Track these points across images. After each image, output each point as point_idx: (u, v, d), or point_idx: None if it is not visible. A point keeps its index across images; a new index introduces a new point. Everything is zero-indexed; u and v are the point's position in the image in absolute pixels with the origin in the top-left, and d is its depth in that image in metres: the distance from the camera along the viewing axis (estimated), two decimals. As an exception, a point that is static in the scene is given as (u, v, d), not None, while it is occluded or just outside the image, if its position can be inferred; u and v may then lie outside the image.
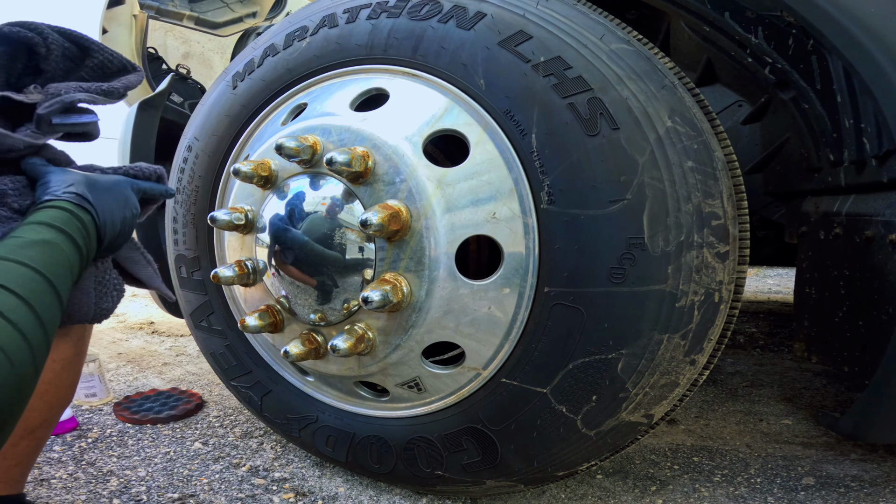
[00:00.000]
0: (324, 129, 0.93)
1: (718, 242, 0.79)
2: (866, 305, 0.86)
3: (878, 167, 0.83)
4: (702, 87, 1.23)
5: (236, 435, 1.36)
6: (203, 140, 1.14)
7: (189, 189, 1.16)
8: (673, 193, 0.77)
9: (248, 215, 1.01)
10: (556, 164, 0.79)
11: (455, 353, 1.34)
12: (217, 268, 1.05)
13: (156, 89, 1.53)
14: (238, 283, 1.03)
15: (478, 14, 0.86)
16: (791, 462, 1.21)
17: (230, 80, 1.11)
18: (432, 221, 0.84)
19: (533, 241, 0.81)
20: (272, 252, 0.97)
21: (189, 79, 2.58)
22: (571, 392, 0.82)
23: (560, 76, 0.80)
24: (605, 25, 0.85)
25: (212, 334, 1.20)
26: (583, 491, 1.09)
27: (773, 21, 0.88)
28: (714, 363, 0.88)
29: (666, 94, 0.81)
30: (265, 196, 0.99)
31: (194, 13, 2.47)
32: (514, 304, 0.84)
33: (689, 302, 0.78)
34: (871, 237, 0.85)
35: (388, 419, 1.01)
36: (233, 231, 1.03)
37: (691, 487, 1.10)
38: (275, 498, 1.07)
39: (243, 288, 1.07)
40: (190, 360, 2.05)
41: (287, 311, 1.00)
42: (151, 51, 2.57)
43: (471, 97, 0.86)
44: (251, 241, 1.02)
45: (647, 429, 0.89)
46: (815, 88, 0.90)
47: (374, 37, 0.94)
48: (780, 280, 3.96)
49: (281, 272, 0.97)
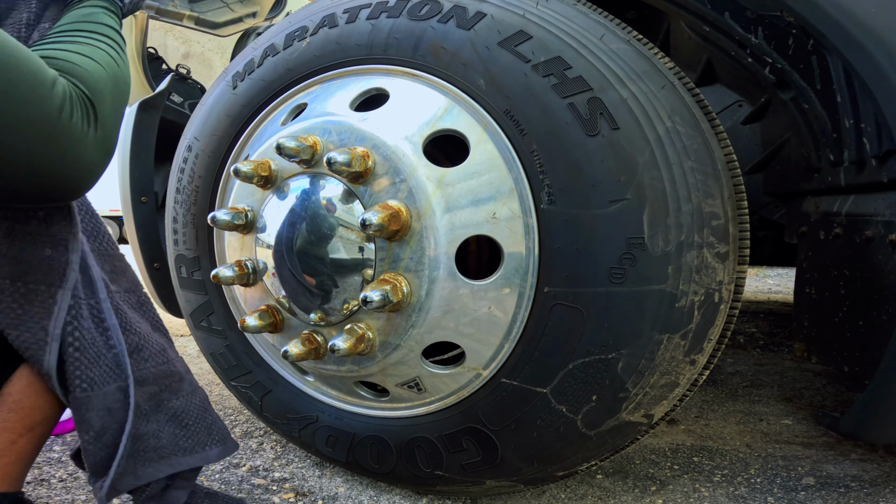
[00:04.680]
0: (324, 129, 0.93)
1: (718, 242, 0.79)
2: (866, 305, 0.86)
3: (878, 167, 0.83)
4: (702, 87, 1.23)
5: (236, 435, 1.36)
6: (203, 140, 1.14)
7: (189, 189, 1.16)
8: (673, 193, 0.77)
9: (249, 215, 1.01)
10: (556, 164, 0.79)
11: (455, 353, 1.34)
12: (217, 268, 1.05)
13: (156, 89, 1.53)
14: (238, 283, 1.03)
15: (478, 14, 0.86)
16: (791, 462, 1.21)
17: (230, 80, 1.11)
18: (432, 221, 0.84)
19: (533, 241, 0.81)
20: (272, 252, 0.97)
21: (189, 79, 2.58)
22: (571, 392, 0.82)
23: (560, 76, 0.80)
24: (605, 25, 0.85)
25: (212, 334, 1.20)
26: (583, 491, 1.09)
27: (773, 21, 0.88)
28: (714, 363, 0.88)
29: (666, 94, 0.81)
30: (265, 196, 0.99)
31: (194, 13, 2.47)
32: (514, 304, 0.84)
33: (689, 302, 0.78)
34: (871, 237, 0.85)
35: (388, 419, 1.01)
36: (233, 231, 1.03)
37: (691, 487, 1.10)
38: (275, 498, 1.07)
39: (243, 288, 1.07)
40: (190, 360, 2.05)
41: (287, 311, 1.00)
42: (151, 51, 2.56)
43: (471, 97, 0.86)
44: (251, 241, 1.02)
45: (647, 429, 0.89)
46: (815, 88, 0.90)
47: (374, 37, 0.94)
48: (780, 280, 3.96)
49: (281, 272, 0.97)
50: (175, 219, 1.20)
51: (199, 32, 2.60)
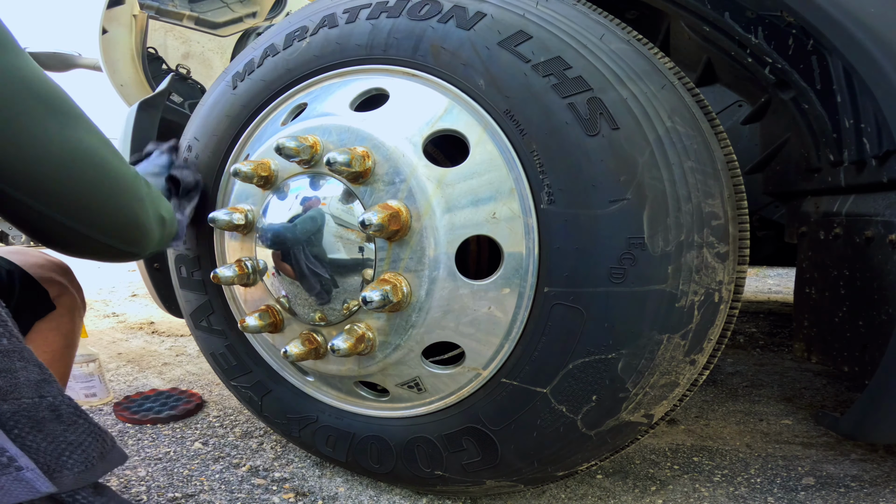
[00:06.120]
0: (324, 129, 0.93)
1: (718, 242, 0.79)
2: (866, 305, 0.86)
3: (878, 167, 0.83)
4: (702, 87, 1.23)
5: (236, 435, 1.36)
6: (203, 140, 1.14)
7: (189, 189, 1.16)
8: (673, 193, 0.77)
9: (249, 215, 1.01)
10: (556, 164, 0.79)
11: (455, 353, 1.34)
12: (217, 268, 1.05)
13: (156, 89, 1.53)
14: (238, 283, 1.03)
15: (478, 14, 0.86)
16: (791, 462, 1.21)
17: (230, 80, 1.11)
18: (432, 221, 0.84)
19: (533, 241, 0.81)
20: (272, 252, 0.97)
21: (189, 79, 2.58)
22: (571, 392, 0.82)
23: (560, 76, 0.80)
24: (605, 25, 0.85)
25: (212, 334, 1.20)
26: (583, 491, 1.09)
27: (773, 21, 0.88)
28: (714, 363, 0.88)
29: (666, 94, 0.81)
30: (265, 196, 0.99)
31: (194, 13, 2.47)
32: (513, 304, 0.84)
33: (689, 302, 0.78)
34: (871, 237, 0.84)
35: (388, 419, 1.01)
36: (233, 231, 1.03)
37: (691, 487, 1.10)
38: (275, 498, 1.07)
39: (243, 288, 1.07)
40: (190, 360, 2.05)
41: (287, 311, 1.00)
42: (151, 51, 2.56)
43: (471, 97, 0.86)
44: (251, 241, 1.02)
45: (647, 429, 0.89)
46: (815, 88, 0.90)
47: (374, 37, 0.94)
48: (780, 280, 3.96)
49: (281, 272, 0.97)
50: (175, 219, 1.20)
51: (199, 32, 2.60)
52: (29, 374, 0.65)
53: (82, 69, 2.92)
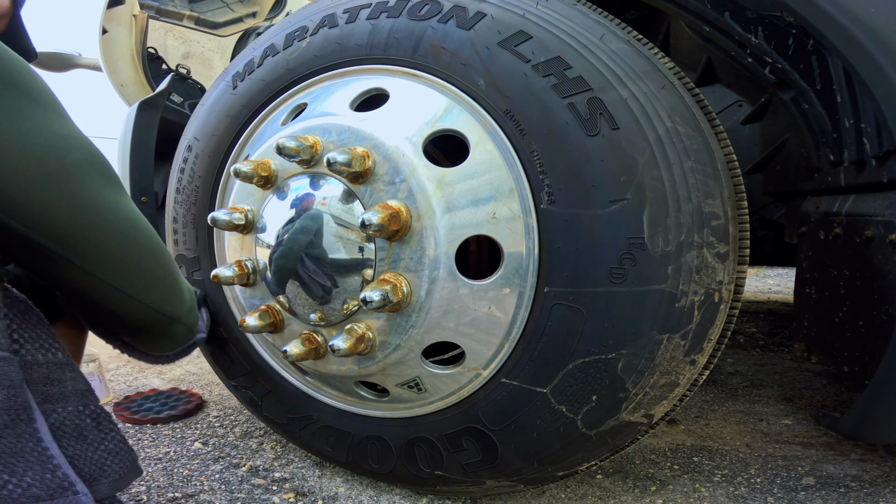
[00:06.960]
0: (324, 129, 0.93)
1: (718, 242, 0.79)
2: (866, 305, 0.86)
3: (878, 167, 0.83)
4: (702, 87, 1.23)
5: (236, 435, 1.36)
6: (203, 140, 1.14)
7: (189, 189, 1.16)
8: (673, 193, 0.77)
9: (249, 215, 1.01)
10: (556, 164, 0.79)
11: (455, 353, 1.34)
12: (217, 268, 1.05)
13: (156, 89, 1.53)
14: (238, 283, 1.03)
15: (478, 14, 0.86)
16: (791, 462, 1.21)
17: (230, 80, 1.11)
18: (432, 221, 0.84)
19: (533, 241, 0.81)
20: (272, 252, 0.97)
21: (189, 79, 2.58)
22: (571, 392, 0.82)
23: (560, 76, 0.80)
24: (605, 25, 0.85)
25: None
26: (583, 491, 1.09)
27: (773, 21, 0.88)
28: (714, 363, 0.88)
29: (666, 94, 0.81)
30: (265, 196, 0.99)
31: (194, 13, 2.47)
32: (514, 304, 0.84)
33: (689, 302, 0.78)
34: (871, 237, 0.85)
35: (388, 419, 1.01)
36: (233, 231, 1.03)
37: (691, 487, 1.10)
38: (275, 498, 1.07)
39: (243, 288, 1.07)
40: (190, 360, 2.05)
41: (287, 312, 1.00)
42: (151, 51, 2.56)
43: (471, 97, 0.86)
44: (251, 241, 1.02)
45: (647, 429, 0.89)
46: (815, 88, 0.90)
47: (374, 37, 0.94)
48: (780, 280, 3.96)
49: (281, 272, 0.97)
50: (175, 219, 1.20)
51: (199, 32, 2.60)
52: (76, 384, 0.70)
53: (82, 69, 2.92)
